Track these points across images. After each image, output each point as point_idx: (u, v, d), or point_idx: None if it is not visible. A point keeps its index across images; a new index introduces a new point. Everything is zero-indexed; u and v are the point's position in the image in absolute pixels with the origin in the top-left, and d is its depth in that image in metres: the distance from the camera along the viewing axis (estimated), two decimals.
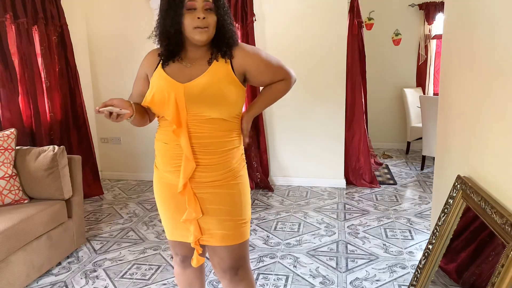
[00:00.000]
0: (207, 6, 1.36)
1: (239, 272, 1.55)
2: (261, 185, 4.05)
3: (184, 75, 1.42)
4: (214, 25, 1.39)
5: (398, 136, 5.87)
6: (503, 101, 1.43)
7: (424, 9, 5.40)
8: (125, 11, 4.15)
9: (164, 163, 1.51)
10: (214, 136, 1.43)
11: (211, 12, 1.37)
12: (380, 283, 2.32)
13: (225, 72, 1.41)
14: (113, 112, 1.33)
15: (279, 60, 1.55)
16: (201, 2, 1.35)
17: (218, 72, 1.41)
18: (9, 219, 2.22)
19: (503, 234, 1.31)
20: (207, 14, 1.36)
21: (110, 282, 2.41)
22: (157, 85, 1.43)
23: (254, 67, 1.47)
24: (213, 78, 1.40)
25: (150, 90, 1.44)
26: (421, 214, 3.34)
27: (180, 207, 1.49)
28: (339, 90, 3.91)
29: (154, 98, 1.42)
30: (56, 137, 3.59)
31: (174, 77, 1.42)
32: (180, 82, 1.40)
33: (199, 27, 1.36)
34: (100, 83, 4.35)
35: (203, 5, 1.35)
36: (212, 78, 1.40)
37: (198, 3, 1.35)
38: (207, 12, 1.36)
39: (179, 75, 1.42)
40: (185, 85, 1.39)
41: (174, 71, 1.44)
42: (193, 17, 1.35)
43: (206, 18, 1.36)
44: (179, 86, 1.39)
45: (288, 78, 1.55)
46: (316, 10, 3.81)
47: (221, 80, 1.40)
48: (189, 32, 1.38)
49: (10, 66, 3.10)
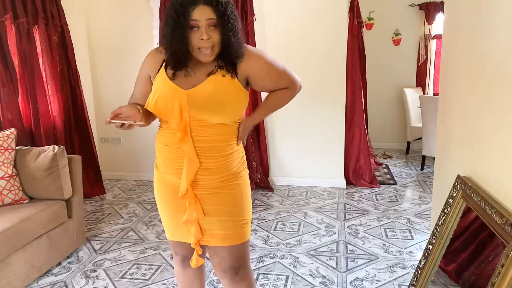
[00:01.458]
0: (211, 24, 1.29)
1: (239, 272, 1.55)
2: (261, 185, 4.05)
3: (187, 81, 1.40)
4: (219, 43, 1.33)
5: (398, 136, 5.86)
6: (503, 101, 1.43)
7: (424, 9, 5.40)
8: (125, 11, 4.15)
9: (165, 165, 1.50)
10: (215, 140, 1.43)
11: (215, 30, 1.31)
12: (380, 283, 2.32)
13: (228, 79, 1.40)
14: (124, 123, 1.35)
15: (285, 66, 1.50)
16: (204, 21, 1.28)
17: (221, 79, 1.39)
18: (9, 219, 2.22)
19: (503, 234, 1.31)
20: (211, 33, 1.30)
21: (110, 282, 2.41)
22: (160, 91, 1.40)
23: (257, 71, 1.44)
24: (217, 85, 1.38)
25: (153, 95, 1.42)
26: (421, 214, 3.34)
27: (180, 207, 1.49)
28: (339, 90, 3.91)
29: (157, 104, 1.41)
30: (60, 137, 3.59)
31: (177, 83, 1.39)
32: (184, 88, 1.38)
33: (203, 47, 1.32)
34: (100, 83, 4.35)
35: (207, 23, 1.29)
36: (215, 85, 1.38)
37: (201, 22, 1.29)
38: (211, 30, 1.30)
39: (182, 81, 1.40)
40: (188, 92, 1.37)
41: (178, 76, 1.41)
42: (197, 37, 1.30)
43: (210, 38, 1.30)
44: (183, 93, 1.37)
45: (292, 86, 1.52)
46: (316, 10, 3.81)
47: (224, 86, 1.39)
48: (195, 52, 1.35)
49: (10, 66, 3.10)
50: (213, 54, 1.35)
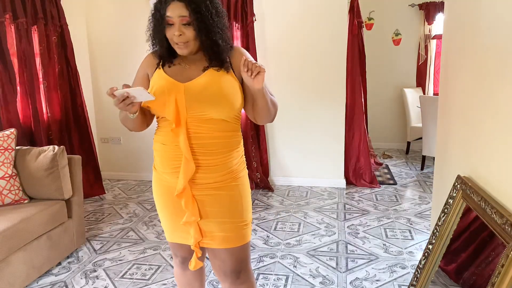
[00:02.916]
0: (183, 21, 1.33)
1: (241, 276, 1.54)
2: (261, 185, 4.05)
3: (183, 75, 1.43)
4: (194, 40, 1.37)
5: (398, 136, 5.87)
6: (503, 101, 1.43)
7: (424, 9, 5.40)
8: (125, 11, 4.15)
9: (162, 164, 1.50)
10: (213, 137, 1.43)
11: (189, 27, 1.34)
12: (380, 283, 2.32)
13: (223, 73, 1.42)
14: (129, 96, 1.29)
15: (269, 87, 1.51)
16: (177, 18, 1.33)
17: (215, 72, 1.42)
18: (9, 219, 2.22)
19: (503, 234, 1.31)
20: (184, 30, 1.34)
21: (110, 282, 2.41)
22: (157, 85, 1.43)
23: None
24: (213, 78, 1.40)
25: (150, 90, 1.44)
26: (421, 214, 3.34)
27: (179, 209, 1.49)
28: (339, 90, 3.91)
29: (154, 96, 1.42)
30: (55, 137, 3.59)
31: (174, 77, 1.43)
32: (180, 82, 1.41)
33: (176, 42, 1.37)
34: (100, 83, 4.35)
35: (179, 20, 1.33)
36: (212, 78, 1.40)
37: (174, 19, 1.34)
38: (184, 28, 1.34)
39: (178, 75, 1.43)
40: (185, 85, 1.40)
41: (174, 71, 1.45)
42: (171, 32, 1.36)
43: (182, 34, 1.34)
44: (179, 86, 1.40)
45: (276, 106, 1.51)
46: (316, 10, 3.81)
47: (219, 79, 1.40)
48: (172, 45, 1.41)
49: (9, 66, 3.10)
50: (188, 48, 1.38)
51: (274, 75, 3.94)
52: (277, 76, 3.96)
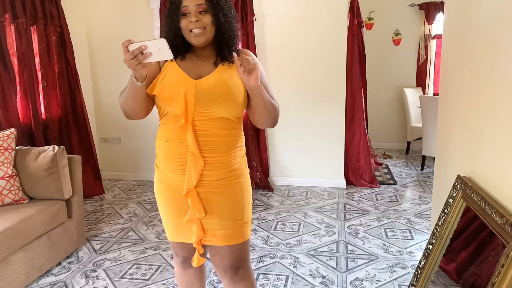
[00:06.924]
0: (200, 9, 1.38)
1: (239, 272, 1.55)
2: (261, 185, 4.05)
3: (195, 71, 1.45)
4: (211, 25, 1.40)
5: (398, 136, 5.86)
6: (503, 101, 1.43)
7: (424, 9, 5.40)
8: (125, 11, 4.15)
9: (166, 162, 1.50)
10: (218, 135, 1.45)
11: (206, 14, 1.39)
12: (380, 283, 2.32)
13: (231, 73, 1.44)
14: (144, 53, 1.24)
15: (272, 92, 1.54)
16: (194, 7, 1.37)
17: (225, 72, 1.44)
18: (9, 219, 2.22)
19: (503, 234, 1.31)
20: (201, 17, 1.38)
21: (110, 282, 2.41)
22: (169, 76, 1.43)
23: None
24: (223, 77, 1.43)
25: (160, 79, 1.43)
26: (421, 214, 3.34)
27: (182, 207, 1.49)
28: (339, 90, 3.91)
29: (163, 88, 1.42)
30: (52, 137, 3.58)
31: (186, 72, 1.44)
32: (192, 78, 1.42)
33: (193, 29, 1.38)
34: (100, 83, 4.35)
35: (196, 8, 1.37)
36: (221, 77, 1.43)
37: (191, 8, 1.37)
38: (201, 15, 1.38)
39: (191, 71, 1.44)
40: (196, 82, 1.41)
41: (187, 66, 1.46)
42: (187, 21, 1.39)
43: (200, 20, 1.38)
44: (191, 82, 1.41)
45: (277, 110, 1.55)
46: (316, 10, 3.81)
47: (228, 79, 1.43)
48: (186, 35, 1.42)
49: (9, 66, 3.10)
50: (204, 36, 1.40)
51: (274, 75, 3.94)
52: (277, 76, 3.96)
